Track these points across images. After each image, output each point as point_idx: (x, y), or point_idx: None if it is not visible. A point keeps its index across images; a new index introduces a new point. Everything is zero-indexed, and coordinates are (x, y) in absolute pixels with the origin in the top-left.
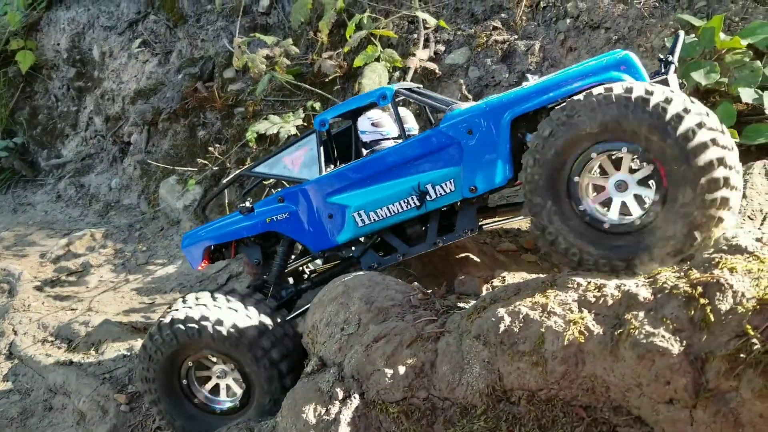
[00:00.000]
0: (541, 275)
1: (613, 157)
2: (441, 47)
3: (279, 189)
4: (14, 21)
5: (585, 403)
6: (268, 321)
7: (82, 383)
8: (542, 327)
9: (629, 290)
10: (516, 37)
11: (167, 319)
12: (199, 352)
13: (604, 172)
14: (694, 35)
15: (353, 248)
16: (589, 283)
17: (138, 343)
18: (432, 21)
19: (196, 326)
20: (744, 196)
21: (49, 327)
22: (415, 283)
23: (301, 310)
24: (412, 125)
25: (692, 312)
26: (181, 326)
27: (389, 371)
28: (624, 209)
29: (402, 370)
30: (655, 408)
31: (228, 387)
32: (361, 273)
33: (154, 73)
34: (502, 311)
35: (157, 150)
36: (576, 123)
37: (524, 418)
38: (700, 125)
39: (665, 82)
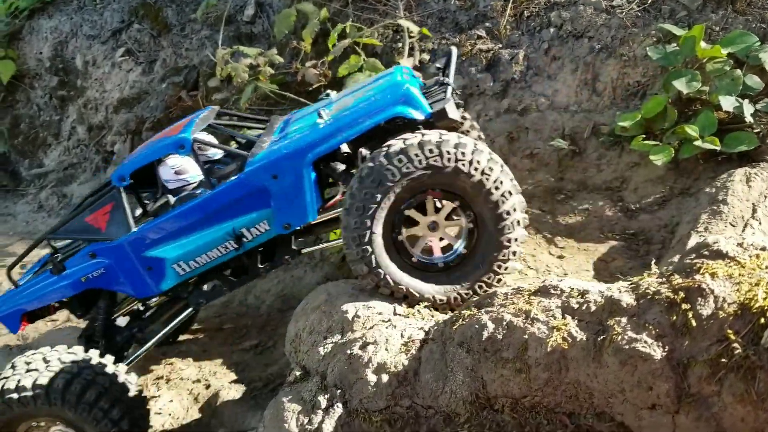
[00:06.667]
0: (524, 282)
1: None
2: (426, 56)
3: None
4: None
5: (568, 410)
6: (91, 373)
7: None
8: (525, 334)
9: (612, 296)
10: (500, 46)
11: None
12: (29, 420)
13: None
14: (675, 44)
15: (179, 290)
16: (572, 289)
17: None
18: (416, 29)
19: (16, 396)
20: (725, 203)
21: (28, 338)
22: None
23: (143, 350)
24: (216, 150)
25: (674, 317)
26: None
27: (372, 379)
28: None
29: (385, 378)
30: (638, 414)
31: None
32: (344, 281)
33: (138, 82)
34: (485, 318)
35: None
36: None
37: (508, 426)
38: None
39: (442, 113)
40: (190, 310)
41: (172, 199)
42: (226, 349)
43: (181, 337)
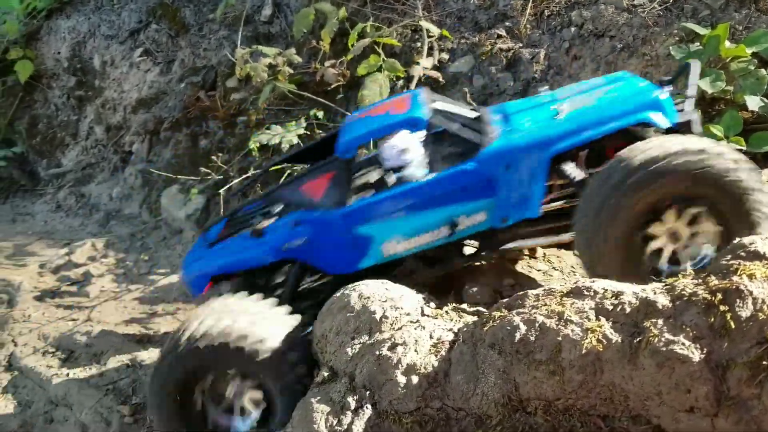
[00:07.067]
0: (555, 283)
1: None
2: (445, 55)
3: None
4: (13, 30)
5: (603, 412)
6: (293, 333)
7: (84, 395)
8: (559, 335)
9: (647, 297)
10: (520, 45)
11: (185, 336)
12: (218, 370)
13: None
14: (698, 43)
15: (370, 270)
16: (605, 290)
17: (141, 354)
18: (435, 30)
19: (215, 343)
20: None
21: (49, 338)
22: (418, 288)
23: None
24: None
25: (712, 319)
26: (200, 344)
27: (402, 381)
28: None
29: (415, 379)
30: (675, 417)
31: (244, 407)
32: (371, 281)
33: (156, 82)
34: (517, 320)
35: (159, 159)
36: None
37: (541, 429)
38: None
39: (688, 125)
40: None
41: (391, 178)
42: None
43: None
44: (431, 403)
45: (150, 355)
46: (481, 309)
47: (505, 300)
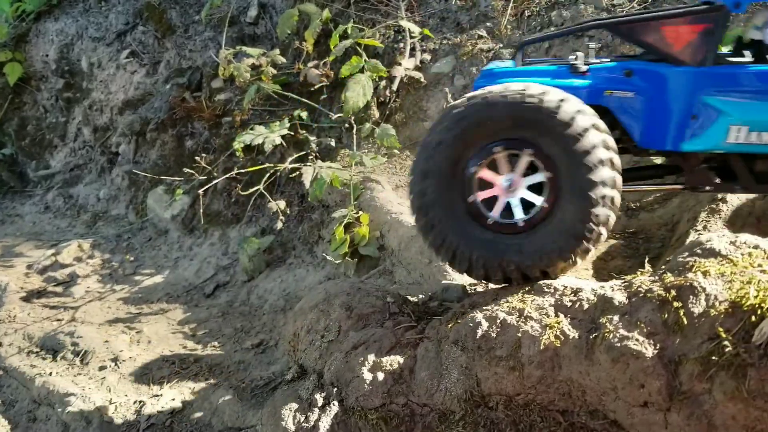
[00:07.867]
0: None
1: None
2: (427, 56)
3: None
4: (2, 33)
5: (562, 407)
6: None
7: (66, 394)
8: (519, 332)
9: (605, 294)
10: (501, 45)
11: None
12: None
13: None
14: None
15: (687, 159)
16: (565, 287)
17: (123, 354)
18: (417, 30)
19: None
20: (724, 201)
21: (34, 338)
22: (395, 287)
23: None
24: None
25: (666, 315)
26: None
27: (368, 378)
28: None
29: (381, 376)
30: (630, 411)
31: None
32: (342, 280)
33: (143, 84)
34: (479, 316)
35: (145, 160)
36: None
37: (502, 423)
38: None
39: None
40: (676, 186)
41: None
42: (229, 347)
43: (182, 337)
44: (396, 399)
45: (132, 354)
46: (447, 306)
47: (470, 297)
